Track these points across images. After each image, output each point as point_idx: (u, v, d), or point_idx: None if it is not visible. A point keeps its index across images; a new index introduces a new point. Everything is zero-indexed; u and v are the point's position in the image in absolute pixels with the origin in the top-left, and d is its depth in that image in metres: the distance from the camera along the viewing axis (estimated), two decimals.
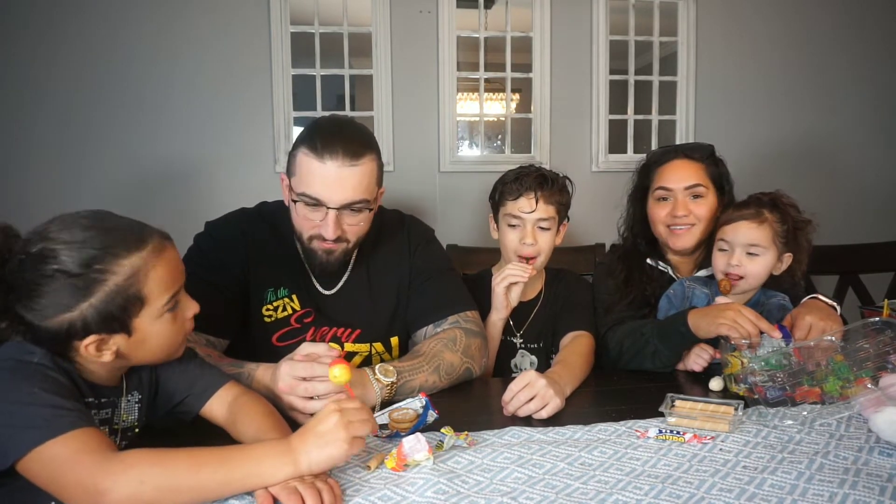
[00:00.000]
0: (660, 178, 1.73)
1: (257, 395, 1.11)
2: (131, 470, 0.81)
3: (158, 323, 0.96)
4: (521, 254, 1.64)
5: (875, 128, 3.20)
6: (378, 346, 1.53)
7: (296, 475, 0.86)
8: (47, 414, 0.83)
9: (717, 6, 3.04)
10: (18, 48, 2.58)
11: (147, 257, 0.94)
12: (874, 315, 1.52)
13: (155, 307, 0.95)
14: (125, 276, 0.91)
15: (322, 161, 1.32)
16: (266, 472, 0.86)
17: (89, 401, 0.96)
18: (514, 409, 1.22)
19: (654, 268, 1.75)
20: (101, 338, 0.92)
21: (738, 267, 1.51)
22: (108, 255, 0.90)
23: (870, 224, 3.10)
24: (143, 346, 0.97)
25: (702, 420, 1.14)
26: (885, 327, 1.26)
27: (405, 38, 2.83)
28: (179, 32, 2.69)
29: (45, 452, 0.81)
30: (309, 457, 0.87)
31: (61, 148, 2.64)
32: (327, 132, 1.35)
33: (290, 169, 1.39)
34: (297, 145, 1.37)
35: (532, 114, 3.01)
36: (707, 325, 1.40)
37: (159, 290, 0.95)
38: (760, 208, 1.53)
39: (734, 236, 1.52)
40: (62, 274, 0.88)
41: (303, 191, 1.34)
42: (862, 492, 0.88)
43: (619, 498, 0.89)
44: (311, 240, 1.40)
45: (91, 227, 0.92)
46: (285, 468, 0.86)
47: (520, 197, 1.62)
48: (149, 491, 0.80)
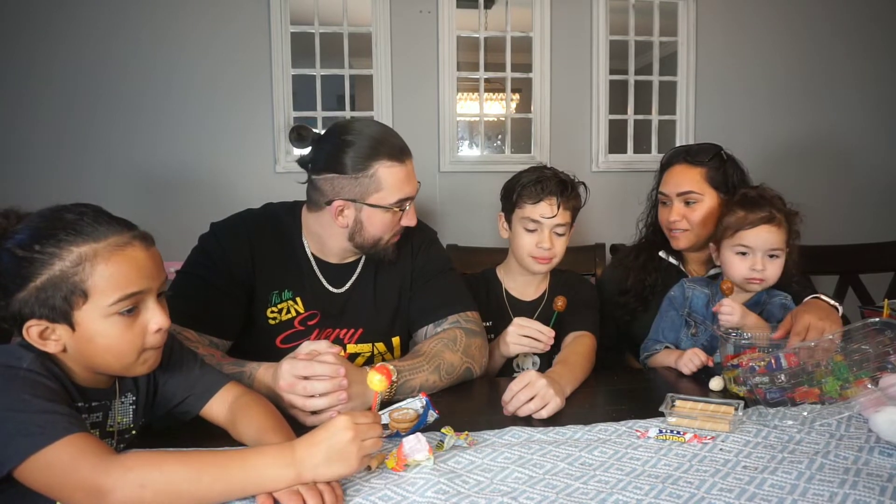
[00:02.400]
0: (662, 183, 1.80)
1: (258, 396, 1.11)
2: (131, 473, 0.81)
3: (105, 323, 0.91)
4: (536, 256, 1.65)
5: (875, 127, 3.20)
6: (380, 346, 1.53)
7: (297, 483, 0.86)
8: (40, 420, 0.82)
9: (717, 6, 3.04)
10: (17, 50, 2.57)
11: (100, 249, 0.90)
12: (874, 315, 1.52)
13: (100, 304, 0.90)
14: (72, 263, 0.88)
15: (403, 164, 1.42)
16: (268, 481, 0.85)
17: (79, 405, 0.95)
18: (513, 409, 1.22)
19: (663, 260, 1.83)
20: (44, 325, 0.90)
21: (762, 270, 1.50)
22: (56, 239, 0.89)
23: (870, 224, 3.10)
24: (89, 345, 0.92)
25: (702, 420, 1.14)
26: (884, 327, 1.26)
27: (405, 38, 2.83)
28: (179, 32, 2.69)
29: (42, 459, 0.80)
30: (316, 470, 0.86)
31: (61, 149, 2.64)
32: (388, 137, 1.42)
33: (365, 190, 1.39)
34: (368, 163, 1.38)
35: (532, 114, 3.01)
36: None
37: (107, 287, 0.89)
38: (772, 209, 1.52)
39: (756, 241, 1.50)
40: (11, 253, 0.89)
41: (399, 198, 1.42)
42: (862, 492, 0.88)
43: (619, 498, 0.89)
44: (388, 240, 1.46)
45: (57, 213, 0.92)
46: (288, 477, 0.85)
47: (540, 202, 1.61)
48: (149, 495, 0.80)
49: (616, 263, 1.94)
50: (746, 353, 1.38)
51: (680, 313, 1.62)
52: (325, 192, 1.41)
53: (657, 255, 1.84)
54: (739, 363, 1.34)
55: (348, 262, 1.53)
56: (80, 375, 0.97)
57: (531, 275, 1.73)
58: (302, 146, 1.46)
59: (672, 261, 1.83)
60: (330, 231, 1.46)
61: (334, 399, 1.15)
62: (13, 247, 0.90)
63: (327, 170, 1.40)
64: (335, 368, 1.16)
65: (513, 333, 1.53)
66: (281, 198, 1.59)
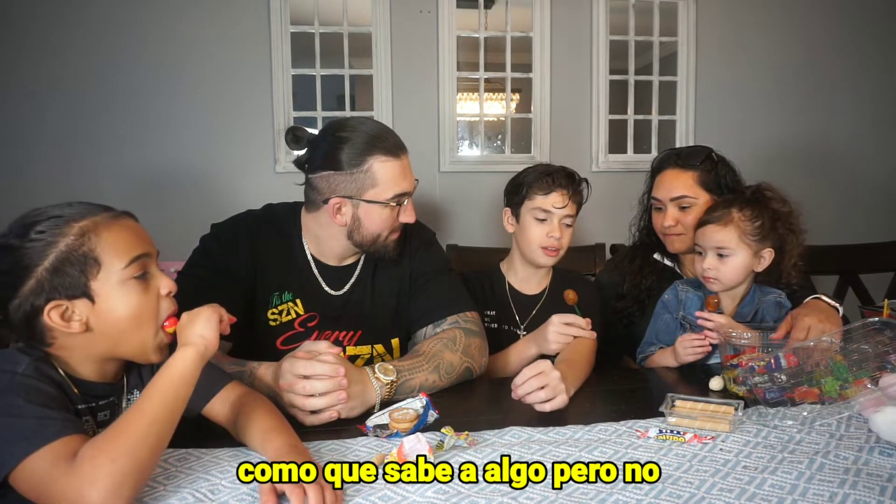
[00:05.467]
0: (655, 188, 1.79)
1: (260, 395, 1.11)
2: (97, 458, 0.79)
3: (123, 289, 0.94)
4: (546, 245, 1.67)
5: (875, 127, 3.20)
6: (379, 348, 1.53)
7: (202, 356, 0.93)
8: (34, 425, 0.82)
9: (717, 6, 3.04)
10: (22, 53, 2.58)
11: (98, 220, 0.94)
12: (874, 315, 1.51)
13: (114, 269, 0.93)
14: (75, 237, 0.91)
15: (398, 159, 1.41)
16: (181, 369, 0.91)
17: (81, 407, 0.95)
18: (522, 394, 1.23)
19: (658, 262, 1.83)
20: (63, 304, 0.91)
21: (709, 270, 1.53)
22: (54, 219, 0.92)
23: (869, 224, 3.10)
24: (112, 316, 0.94)
25: (702, 420, 1.14)
26: (884, 327, 1.26)
27: (405, 38, 2.83)
28: (179, 33, 2.69)
29: (29, 464, 0.80)
30: (199, 337, 0.93)
31: (60, 149, 2.64)
32: (383, 133, 1.42)
33: (361, 185, 1.39)
34: (363, 158, 1.38)
35: (532, 114, 3.01)
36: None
37: (115, 252, 0.93)
38: (729, 208, 1.54)
39: (703, 240, 1.55)
40: (6, 247, 0.90)
41: (395, 193, 1.41)
42: (862, 492, 0.88)
43: (619, 498, 0.89)
44: (387, 237, 1.45)
45: (40, 207, 0.94)
46: (190, 356, 0.92)
47: (551, 192, 1.65)
48: (122, 460, 0.80)
49: (611, 267, 1.93)
50: (746, 352, 1.38)
51: (674, 316, 1.62)
52: (322, 191, 1.41)
53: (652, 258, 1.84)
54: (739, 363, 1.34)
55: (347, 264, 1.53)
56: (90, 369, 0.97)
57: (535, 269, 1.75)
58: (298, 147, 1.46)
59: (667, 263, 1.83)
60: (329, 231, 1.46)
61: (333, 399, 1.16)
62: (7, 240, 0.91)
63: (323, 167, 1.40)
64: (335, 368, 1.16)
65: (554, 332, 1.53)
66: (281, 198, 1.59)
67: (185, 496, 0.88)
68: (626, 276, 1.83)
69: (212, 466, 0.96)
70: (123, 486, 0.79)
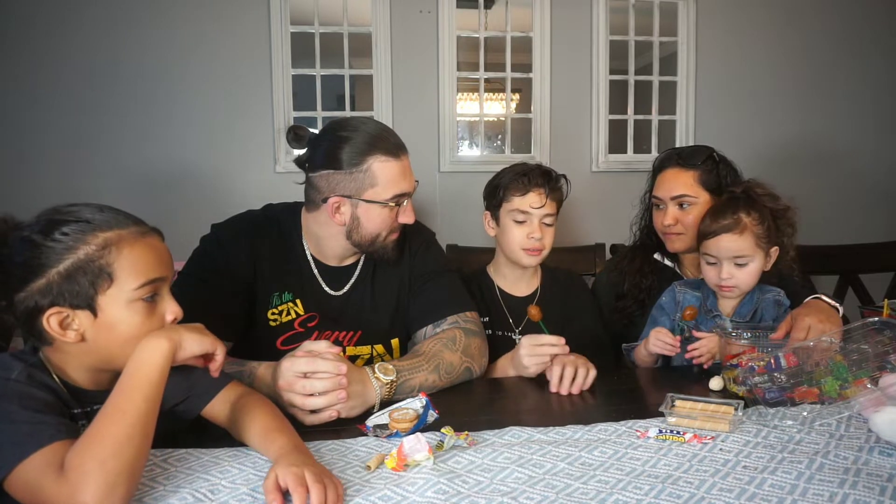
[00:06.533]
0: (656, 187, 1.79)
1: (260, 396, 1.11)
2: (85, 465, 0.79)
3: (128, 310, 0.92)
4: (527, 248, 1.65)
5: (875, 127, 3.21)
6: (379, 348, 1.53)
7: (170, 349, 0.90)
8: (26, 430, 0.82)
9: (717, 6, 3.04)
10: (23, 52, 2.58)
11: (124, 235, 0.92)
12: (874, 315, 1.51)
13: (125, 288, 0.91)
14: (97, 247, 0.90)
15: (398, 159, 1.41)
16: (151, 359, 0.89)
17: (76, 412, 0.95)
18: (567, 389, 1.34)
19: (658, 262, 1.83)
20: (65, 312, 0.90)
21: (728, 279, 1.51)
22: (81, 223, 0.91)
23: (870, 224, 3.10)
24: (110, 334, 0.92)
25: (702, 420, 1.14)
26: (883, 327, 1.26)
27: (405, 38, 2.83)
28: (180, 33, 2.69)
29: (24, 469, 0.79)
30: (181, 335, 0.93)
31: (60, 149, 2.64)
32: (384, 133, 1.42)
33: (360, 185, 1.39)
34: (363, 158, 1.38)
35: (532, 114, 3.01)
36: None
37: (131, 271, 0.91)
38: (737, 214, 1.50)
39: (718, 250, 1.50)
40: (29, 241, 0.89)
41: (395, 193, 1.41)
42: (862, 492, 0.88)
43: (619, 498, 0.89)
44: (386, 237, 1.45)
45: (72, 206, 0.93)
46: (163, 346, 0.90)
47: (528, 192, 1.63)
48: (111, 462, 0.79)
49: (611, 267, 1.93)
50: (746, 352, 1.38)
51: (671, 318, 1.61)
52: (322, 190, 1.41)
53: (652, 258, 1.84)
54: (739, 363, 1.34)
55: (347, 264, 1.53)
56: (83, 376, 0.96)
57: (521, 269, 1.74)
58: (299, 146, 1.46)
59: (667, 263, 1.83)
60: (328, 230, 1.46)
61: (333, 398, 1.16)
62: (31, 234, 0.90)
63: (324, 166, 1.40)
64: (336, 366, 1.16)
65: (526, 356, 1.45)
66: (281, 198, 1.59)
67: (184, 496, 0.88)
68: (626, 276, 1.83)
69: (212, 466, 0.96)
70: (116, 488, 0.79)
